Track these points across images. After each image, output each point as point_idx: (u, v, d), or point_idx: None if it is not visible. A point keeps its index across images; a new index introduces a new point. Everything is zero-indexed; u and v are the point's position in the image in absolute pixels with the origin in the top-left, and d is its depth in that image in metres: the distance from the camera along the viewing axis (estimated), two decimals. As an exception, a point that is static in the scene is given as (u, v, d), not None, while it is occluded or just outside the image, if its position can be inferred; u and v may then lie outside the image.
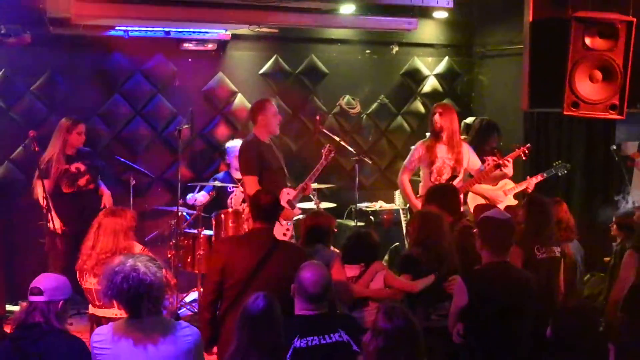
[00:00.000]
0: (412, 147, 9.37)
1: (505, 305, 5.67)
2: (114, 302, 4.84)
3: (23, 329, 4.90)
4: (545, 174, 9.34)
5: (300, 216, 8.75)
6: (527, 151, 9.20)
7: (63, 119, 9.18)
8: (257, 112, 8.66)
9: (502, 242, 5.85)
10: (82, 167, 9.00)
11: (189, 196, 9.78)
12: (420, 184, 9.27)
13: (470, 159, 9.18)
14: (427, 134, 10.18)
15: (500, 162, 8.94)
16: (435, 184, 8.88)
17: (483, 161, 9.40)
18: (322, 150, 9.01)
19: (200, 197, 9.76)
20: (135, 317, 4.66)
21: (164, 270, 4.80)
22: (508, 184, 9.42)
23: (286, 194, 8.61)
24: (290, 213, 8.57)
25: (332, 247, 7.13)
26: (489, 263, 5.84)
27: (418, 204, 8.93)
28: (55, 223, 8.56)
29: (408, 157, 9.27)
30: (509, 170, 9.03)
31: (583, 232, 8.74)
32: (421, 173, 9.25)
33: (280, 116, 8.85)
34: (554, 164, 9.40)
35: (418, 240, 6.68)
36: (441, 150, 9.06)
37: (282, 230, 8.43)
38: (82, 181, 9.04)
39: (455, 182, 8.93)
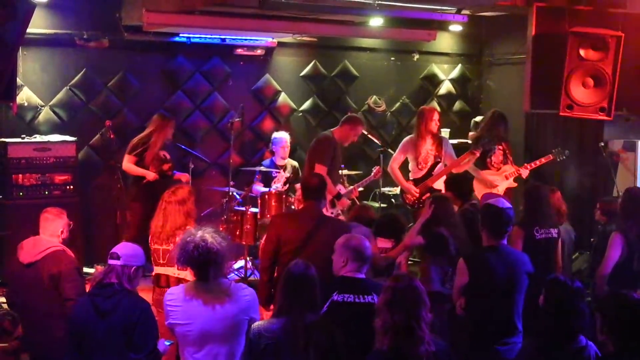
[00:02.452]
0: (402, 142, 9.45)
1: (500, 282, 5.67)
2: (178, 266, 4.90)
3: (99, 287, 4.98)
4: (543, 160, 9.22)
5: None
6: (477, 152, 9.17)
7: (158, 115, 9.26)
8: (346, 123, 8.88)
9: (499, 228, 5.81)
10: (167, 156, 9.06)
11: (256, 187, 9.74)
12: (410, 172, 9.42)
13: (447, 150, 9.29)
14: (442, 131, 10.25)
15: (473, 150, 9.10)
16: (421, 170, 9.16)
17: (491, 149, 9.33)
18: (373, 169, 9.51)
19: (261, 188, 9.77)
20: (204, 279, 4.73)
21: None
22: (508, 168, 9.38)
23: (338, 189, 8.80)
24: (344, 202, 8.91)
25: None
26: (487, 246, 5.83)
27: (408, 186, 9.18)
28: (149, 175, 8.81)
29: (397, 150, 9.39)
30: (478, 153, 9.12)
31: (573, 216, 8.73)
32: (410, 162, 9.36)
33: (357, 139, 9.07)
34: (553, 150, 9.29)
35: (436, 220, 6.54)
36: (425, 143, 9.17)
37: (330, 212, 8.52)
38: (165, 166, 9.06)
39: (438, 167, 9.15)
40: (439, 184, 8.88)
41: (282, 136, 10.01)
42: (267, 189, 9.28)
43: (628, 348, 4.23)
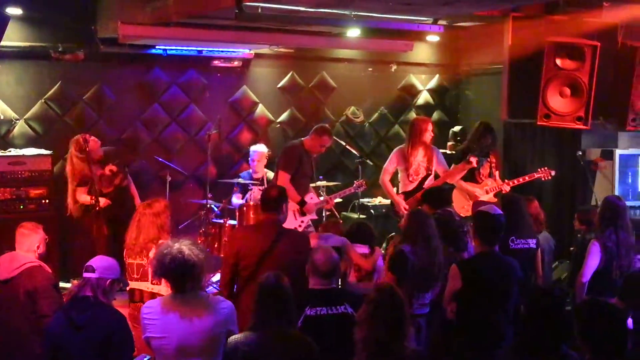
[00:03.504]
0: (392, 152, 9.36)
1: (492, 288, 5.70)
2: (155, 278, 4.87)
3: (74, 300, 4.95)
4: (527, 177, 9.17)
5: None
6: (498, 164, 9.17)
7: (75, 138, 8.64)
8: (313, 132, 8.77)
9: (491, 234, 5.87)
10: (114, 168, 8.87)
11: (233, 199, 9.71)
12: (400, 184, 9.32)
13: (439, 160, 9.23)
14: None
15: (469, 158, 8.98)
16: (412, 182, 9.05)
17: (479, 162, 9.33)
18: (356, 181, 9.38)
19: (239, 200, 9.75)
20: (181, 292, 4.70)
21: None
22: (490, 183, 9.37)
23: (309, 198, 8.73)
24: (311, 207, 8.72)
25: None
26: (479, 252, 5.88)
27: (399, 200, 9.04)
28: (100, 201, 8.38)
29: (388, 160, 9.25)
30: (474, 161, 9.04)
31: (552, 225, 8.76)
32: (400, 174, 9.26)
33: (324, 150, 8.92)
34: (539, 169, 9.14)
35: (409, 237, 6.55)
36: (417, 154, 9.09)
37: (295, 225, 8.45)
38: (117, 180, 8.94)
39: (429, 180, 9.07)
40: None
41: (257, 149, 10.00)
42: (245, 201, 9.25)
43: (603, 353, 4.23)
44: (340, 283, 6.22)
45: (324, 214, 9.70)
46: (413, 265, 6.19)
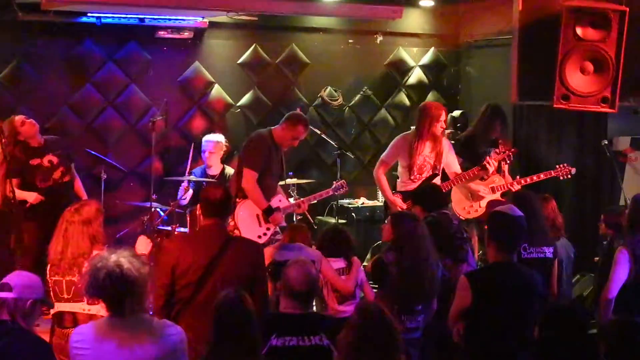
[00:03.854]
0: (393, 140, 9.33)
1: (511, 307, 5.68)
2: (88, 297, 4.82)
3: (-15, 325, 4.89)
4: (542, 175, 9.21)
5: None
6: (511, 156, 9.17)
7: (9, 119, 8.70)
8: (285, 121, 8.56)
9: (510, 240, 5.85)
10: (55, 160, 8.86)
11: (180, 192, 9.72)
12: (398, 180, 9.25)
13: (449, 156, 9.17)
14: (412, 129, 10.21)
15: (486, 163, 8.92)
16: (414, 181, 8.95)
17: (486, 152, 9.34)
18: (335, 182, 9.25)
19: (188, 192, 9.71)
20: (119, 314, 4.63)
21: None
22: (498, 180, 9.38)
23: (277, 201, 8.57)
24: (278, 218, 8.50)
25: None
26: (495, 262, 5.84)
27: (395, 200, 8.96)
28: (29, 197, 8.48)
29: (387, 150, 9.22)
30: (492, 169, 9.01)
31: (572, 230, 8.78)
32: (399, 168, 9.22)
33: (297, 143, 8.70)
34: (557, 166, 9.22)
35: (393, 247, 6.54)
36: (424, 148, 9.02)
37: (259, 233, 8.36)
38: (57, 174, 8.91)
39: (433, 181, 8.92)
40: None
41: (211, 139, 9.96)
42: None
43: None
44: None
45: (294, 219, 9.68)
46: (399, 279, 6.19)
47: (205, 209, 6.07)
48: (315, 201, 9.38)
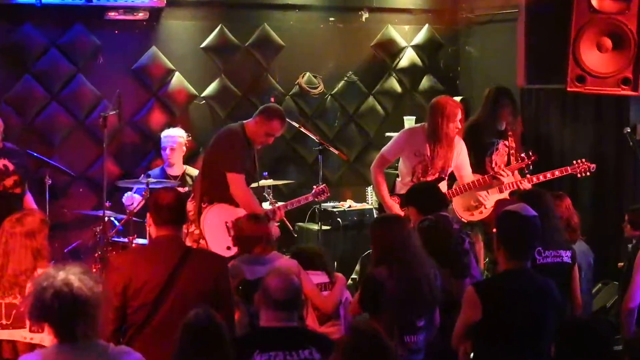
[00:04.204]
0: (399, 134, 9.33)
1: (526, 321, 5.68)
2: (31, 323, 4.79)
3: None
4: (556, 172, 9.22)
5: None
6: (531, 164, 9.19)
7: None
8: (258, 115, 8.59)
9: (523, 245, 5.84)
10: (11, 166, 8.82)
11: (126, 195, 9.72)
12: (397, 180, 9.24)
13: (461, 157, 9.17)
14: (406, 120, 10.22)
15: (499, 175, 9.00)
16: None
17: (492, 144, 9.33)
18: (315, 187, 9.33)
19: (137, 196, 9.69)
20: (69, 341, 4.61)
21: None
22: (506, 178, 9.35)
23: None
24: (274, 228, 8.49)
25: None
26: (507, 270, 5.83)
27: (392, 204, 8.96)
28: None
29: (390, 144, 9.22)
30: (508, 179, 9.04)
31: (591, 232, 8.79)
32: (401, 167, 9.21)
33: (272, 141, 8.71)
34: (575, 162, 9.23)
35: (381, 258, 6.50)
36: (435, 148, 9.02)
37: (228, 243, 8.32)
38: (8, 181, 8.87)
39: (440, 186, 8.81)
40: None
41: (171, 134, 9.95)
42: (139, 198, 9.25)
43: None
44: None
45: (271, 224, 9.68)
46: (392, 296, 6.18)
47: (157, 216, 6.00)
48: (294, 207, 9.35)
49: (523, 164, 9.21)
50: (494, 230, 6.18)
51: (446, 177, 9.10)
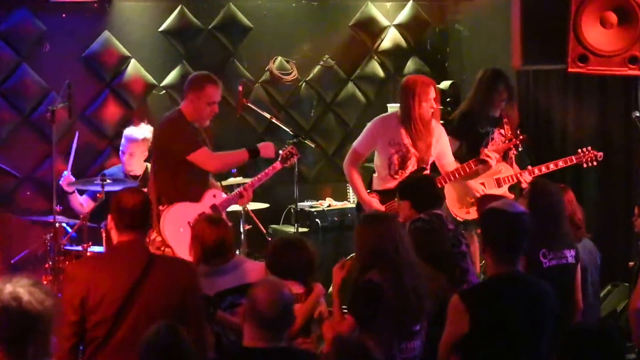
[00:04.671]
0: (369, 124, 9.33)
1: (520, 330, 5.70)
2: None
3: None
4: (560, 163, 9.25)
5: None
6: (519, 145, 9.21)
7: None
8: (191, 87, 8.60)
9: (512, 245, 5.83)
10: None
11: (63, 175, 9.70)
12: (374, 175, 9.24)
13: (440, 145, 9.17)
14: (389, 107, 10.24)
15: (485, 157, 8.90)
16: (395, 178, 8.95)
17: (487, 133, 9.35)
18: (281, 151, 9.16)
19: (84, 200, 9.70)
20: None
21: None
22: (504, 169, 9.38)
23: (211, 197, 8.56)
24: (267, 149, 8.71)
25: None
26: (496, 275, 5.84)
27: (370, 201, 8.98)
28: None
29: (361, 136, 9.23)
30: (493, 162, 9.01)
31: (598, 229, 8.84)
32: (376, 160, 9.23)
33: (217, 108, 8.65)
34: (580, 151, 9.27)
35: (370, 262, 6.49)
36: (410, 134, 9.01)
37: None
38: None
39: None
40: None
41: (136, 135, 9.90)
42: (90, 200, 9.24)
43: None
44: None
45: (241, 228, 9.70)
46: (389, 304, 6.21)
47: (119, 220, 5.98)
48: (261, 183, 9.17)
49: (511, 144, 9.24)
50: (479, 230, 6.21)
51: (428, 168, 9.08)
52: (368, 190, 9.14)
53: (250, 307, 5.18)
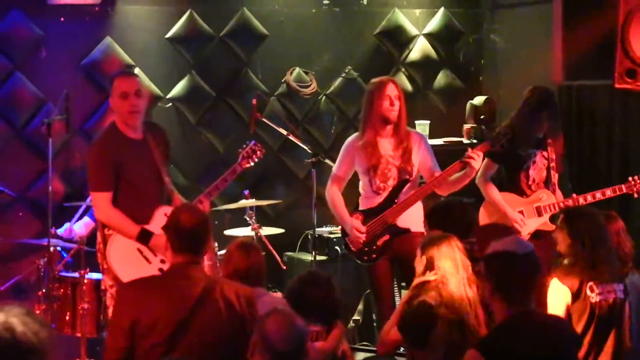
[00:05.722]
0: (343, 147, 9.30)
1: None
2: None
3: None
4: (607, 192, 9.08)
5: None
6: (504, 143, 9.09)
7: None
8: (110, 88, 8.33)
9: (522, 285, 5.84)
10: None
11: (63, 227, 9.74)
12: (361, 197, 9.24)
13: (421, 153, 9.10)
14: (417, 124, 10.28)
15: (466, 159, 8.79)
16: (379, 193, 8.97)
17: (529, 156, 9.28)
18: (240, 151, 8.84)
19: (79, 227, 9.73)
20: None
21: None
22: (545, 196, 9.34)
23: (162, 216, 8.29)
24: (159, 242, 7.88)
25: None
26: (508, 318, 5.84)
27: (354, 222, 8.95)
28: None
29: (337, 162, 9.23)
30: (476, 164, 8.88)
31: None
32: (360, 180, 9.23)
33: (136, 100, 8.09)
34: (632, 179, 9.09)
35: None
36: (384, 145, 9.02)
37: (152, 271, 8.17)
38: None
39: (405, 189, 8.94)
40: (411, 219, 8.86)
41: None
42: (89, 224, 9.25)
43: None
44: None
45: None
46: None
47: (176, 240, 6.10)
48: (221, 190, 8.97)
49: (488, 144, 9.07)
50: (479, 269, 6.20)
51: (411, 178, 9.01)
52: (353, 212, 9.12)
53: (261, 340, 5.23)
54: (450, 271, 6.73)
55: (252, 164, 8.84)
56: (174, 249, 6.11)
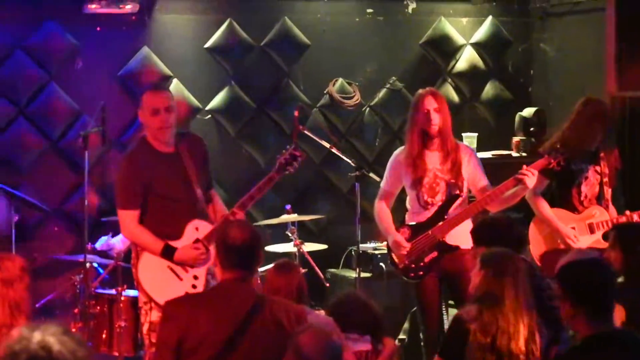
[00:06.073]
0: (389, 162, 9.24)
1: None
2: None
3: None
4: None
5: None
6: (561, 161, 9.03)
7: None
8: (143, 96, 8.36)
9: (603, 300, 5.78)
10: None
11: (101, 241, 9.76)
12: (408, 212, 9.18)
13: (473, 168, 9.08)
14: (465, 137, 10.26)
15: (520, 176, 8.74)
16: (427, 208, 8.92)
17: (581, 171, 9.20)
18: (279, 157, 8.51)
19: (117, 241, 9.76)
20: None
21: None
22: (598, 213, 9.28)
23: (194, 230, 8.26)
24: (191, 255, 8.11)
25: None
26: (591, 336, 5.74)
27: (397, 237, 8.88)
28: None
29: (384, 175, 9.20)
30: (531, 182, 8.83)
31: None
32: (408, 196, 9.19)
33: (167, 115, 8.14)
34: None
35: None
36: (431, 159, 8.98)
37: (185, 288, 8.15)
38: None
39: (455, 205, 8.89)
40: (461, 236, 8.83)
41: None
42: (126, 240, 9.24)
43: None
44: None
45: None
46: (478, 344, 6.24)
47: (225, 257, 6.11)
48: (256, 199, 8.80)
49: (546, 161, 8.99)
50: (557, 288, 6.12)
51: (462, 194, 8.97)
52: (399, 226, 9.06)
53: (295, 356, 5.23)
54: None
55: (291, 170, 8.49)
56: (222, 266, 6.10)
